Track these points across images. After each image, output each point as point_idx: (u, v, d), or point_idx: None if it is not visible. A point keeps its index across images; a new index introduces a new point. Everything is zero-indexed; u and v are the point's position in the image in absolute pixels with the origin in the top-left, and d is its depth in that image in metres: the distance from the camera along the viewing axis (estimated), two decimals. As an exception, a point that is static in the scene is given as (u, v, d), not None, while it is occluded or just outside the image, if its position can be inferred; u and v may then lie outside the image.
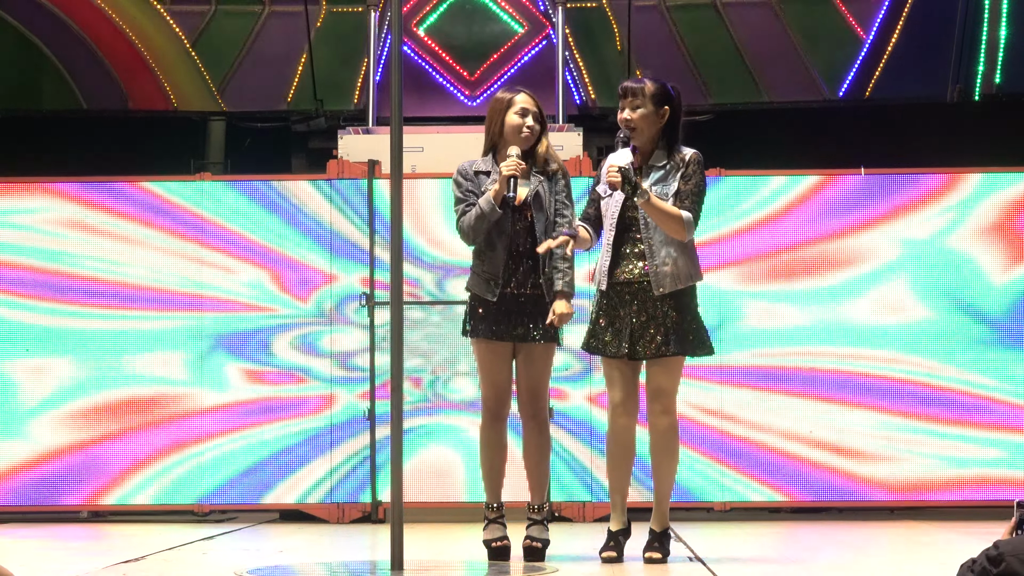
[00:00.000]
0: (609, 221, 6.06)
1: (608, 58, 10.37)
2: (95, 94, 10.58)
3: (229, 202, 8.39)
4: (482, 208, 6.05)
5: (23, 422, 8.34)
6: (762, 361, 8.26)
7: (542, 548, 6.15)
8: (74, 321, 8.36)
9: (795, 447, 8.25)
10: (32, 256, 8.39)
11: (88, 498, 8.33)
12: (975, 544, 4.92)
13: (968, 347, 8.24)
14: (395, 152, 5.60)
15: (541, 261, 6.09)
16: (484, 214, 6.05)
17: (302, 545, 7.09)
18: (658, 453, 6.09)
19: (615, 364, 6.07)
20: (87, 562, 6.20)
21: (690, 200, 6.03)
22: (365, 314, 8.28)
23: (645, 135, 6.05)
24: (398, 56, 5.61)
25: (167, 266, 8.36)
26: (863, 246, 8.29)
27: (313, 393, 8.32)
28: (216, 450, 8.32)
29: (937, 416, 8.23)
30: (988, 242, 8.26)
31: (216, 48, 10.55)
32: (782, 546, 7.05)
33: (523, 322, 6.11)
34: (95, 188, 8.41)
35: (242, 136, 10.61)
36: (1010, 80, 10.14)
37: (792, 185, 8.33)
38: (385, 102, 8.88)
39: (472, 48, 10.40)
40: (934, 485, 8.22)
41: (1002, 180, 8.29)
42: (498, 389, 6.18)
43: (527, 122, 6.12)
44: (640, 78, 6.15)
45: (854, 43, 10.36)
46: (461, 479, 8.24)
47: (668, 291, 5.98)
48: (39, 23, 10.46)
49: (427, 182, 8.33)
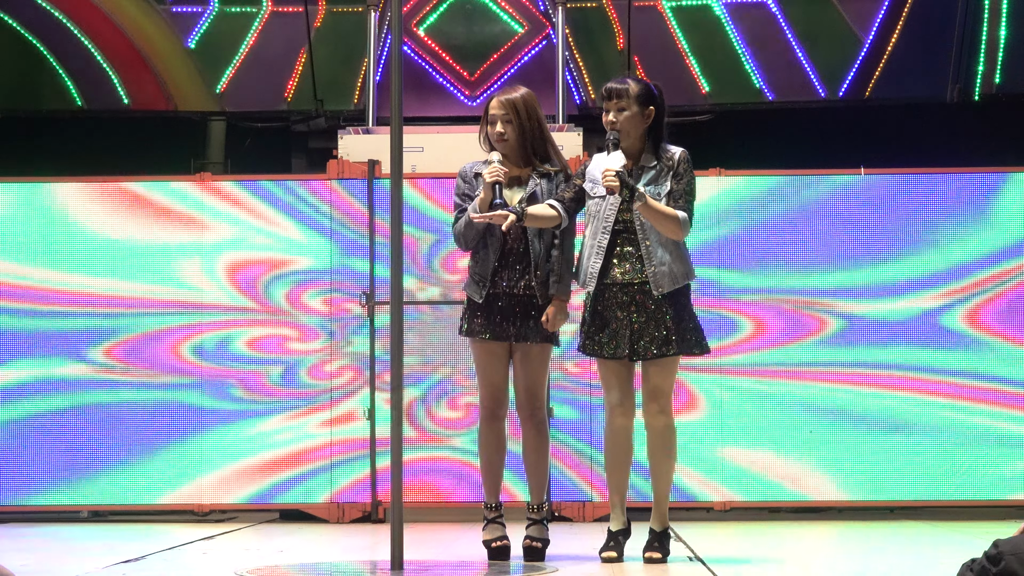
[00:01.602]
0: (603, 224, 6.05)
1: (608, 58, 10.36)
2: (95, 94, 10.57)
3: (229, 202, 8.38)
4: (469, 215, 6.06)
5: (24, 421, 8.35)
6: (762, 361, 8.26)
7: (542, 548, 6.16)
8: (72, 321, 8.35)
9: (795, 447, 8.24)
10: (32, 256, 8.39)
11: (88, 498, 8.33)
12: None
13: (968, 345, 8.24)
14: (395, 152, 5.60)
15: (534, 262, 6.09)
16: (471, 221, 6.06)
17: (302, 545, 7.09)
18: (656, 453, 6.10)
19: (612, 365, 6.08)
20: (87, 562, 6.21)
21: (683, 199, 6.03)
22: (365, 314, 8.29)
23: (632, 136, 6.04)
24: (398, 56, 5.61)
25: (167, 266, 8.36)
26: (864, 246, 8.29)
27: (313, 393, 8.32)
28: (216, 450, 8.31)
29: (937, 415, 8.23)
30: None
31: (216, 48, 10.54)
32: (782, 546, 7.05)
33: (518, 322, 6.11)
34: (95, 188, 8.40)
35: (242, 136, 10.60)
36: (1010, 80, 10.14)
37: (792, 185, 8.33)
38: (385, 102, 8.87)
39: (472, 48, 10.40)
40: (934, 485, 8.22)
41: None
42: (494, 389, 6.19)
43: (497, 129, 6.13)
44: (623, 78, 6.14)
45: (854, 43, 10.35)
46: (462, 479, 8.26)
47: (667, 291, 5.99)
48: (39, 23, 10.45)
49: (427, 182, 8.34)
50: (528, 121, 6.14)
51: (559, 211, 6.04)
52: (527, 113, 6.14)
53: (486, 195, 6.00)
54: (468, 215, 6.07)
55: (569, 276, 6.14)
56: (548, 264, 6.10)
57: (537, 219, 6.00)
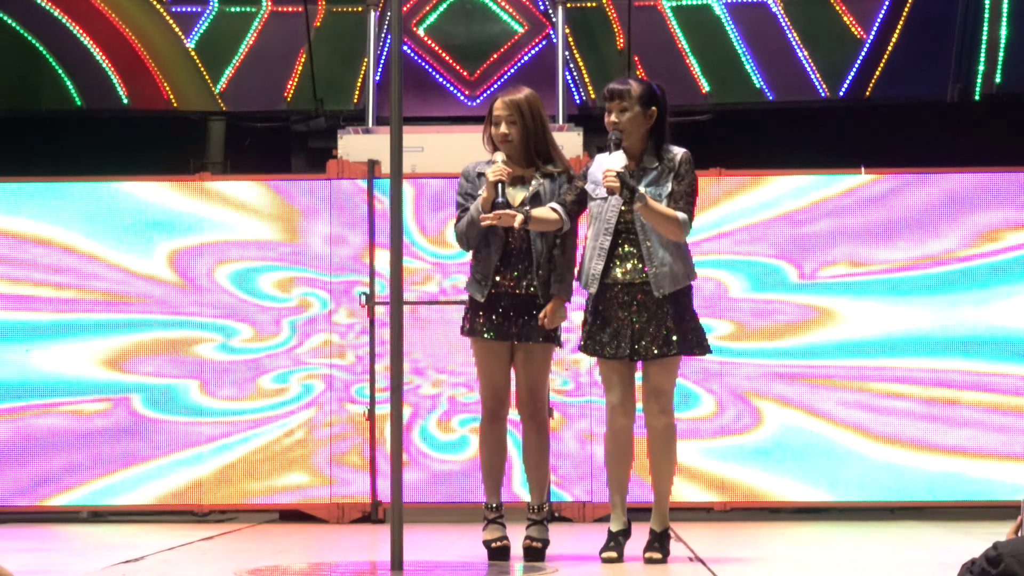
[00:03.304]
0: (605, 225, 6.05)
1: (608, 58, 10.36)
2: (95, 94, 10.57)
3: (229, 202, 8.38)
4: (471, 215, 6.06)
5: (23, 421, 8.35)
6: (762, 361, 8.26)
7: (542, 548, 6.16)
8: (72, 321, 8.35)
9: (795, 447, 8.24)
10: (32, 256, 8.39)
11: (88, 498, 8.33)
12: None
13: (969, 343, 8.25)
14: (395, 152, 5.60)
15: (536, 261, 6.09)
16: (473, 220, 6.06)
17: (302, 545, 7.09)
18: (656, 453, 6.10)
19: (613, 365, 6.08)
20: (87, 562, 6.21)
21: (684, 200, 6.03)
22: (365, 314, 8.28)
23: (634, 137, 6.04)
24: (398, 56, 5.61)
25: (167, 266, 8.36)
26: (864, 245, 8.29)
27: (313, 393, 8.31)
28: (216, 450, 8.31)
29: (937, 415, 8.23)
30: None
31: (216, 48, 10.54)
32: (782, 546, 7.05)
33: (520, 322, 6.11)
34: (95, 188, 8.40)
35: (242, 136, 10.60)
36: (1010, 80, 10.14)
37: (792, 185, 8.33)
38: (385, 102, 8.88)
39: (472, 48, 10.40)
40: (934, 485, 8.22)
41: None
42: (495, 388, 6.19)
43: (501, 130, 6.13)
44: (625, 79, 6.14)
45: (854, 43, 10.35)
46: (462, 479, 8.26)
47: (668, 291, 5.99)
48: (39, 23, 10.45)
49: (427, 182, 8.34)
50: (532, 122, 6.14)
51: (561, 215, 6.05)
52: (531, 114, 6.14)
53: (489, 194, 6.00)
54: (471, 214, 6.08)
55: (570, 276, 6.14)
56: (550, 264, 6.11)
57: (541, 222, 6.01)
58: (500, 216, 5.91)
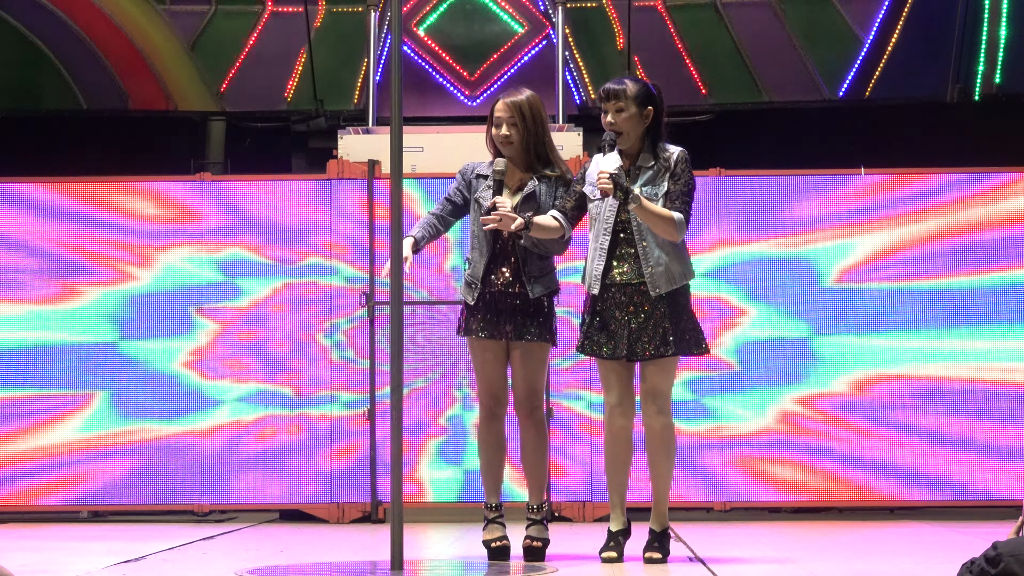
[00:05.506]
0: (603, 226, 6.04)
1: (608, 58, 10.37)
2: (95, 94, 10.58)
3: (229, 202, 8.39)
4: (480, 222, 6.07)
5: (23, 421, 8.36)
6: (762, 360, 8.26)
7: (542, 548, 6.16)
8: (71, 321, 8.36)
9: (794, 447, 8.25)
10: (31, 256, 8.39)
11: (88, 498, 8.34)
12: (975, 544, 4.93)
13: (968, 343, 8.26)
14: (395, 152, 5.60)
15: (521, 258, 6.09)
16: (440, 217, 6.22)
17: (302, 545, 7.09)
18: (655, 453, 6.09)
19: (611, 366, 6.08)
20: (87, 562, 6.21)
21: (680, 200, 6.02)
22: (365, 314, 8.29)
23: (631, 137, 6.04)
24: (398, 56, 5.61)
25: (167, 266, 8.36)
26: (864, 246, 8.29)
27: (313, 393, 8.32)
28: (216, 450, 8.32)
29: (937, 416, 8.24)
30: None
31: (216, 48, 10.55)
32: (782, 546, 7.05)
33: (514, 321, 6.11)
34: (95, 188, 8.40)
35: (242, 136, 10.61)
36: (1010, 80, 10.14)
37: (792, 185, 8.33)
38: (385, 102, 8.89)
39: (472, 48, 10.40)
40: (934, 485, 8.22)
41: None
42: (493, 388, 6.19)
43: (502, 131, 6.13)
44: (621, 79, 6.13)
45: (854, 43, 10.35)
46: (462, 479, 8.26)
47: (664, 291, 5.99)
48: (39, 23, 10.46)
49: (427, 182, 8.34)
50: (533, 124, 6.14)
51: (562, 223, 6.05)
52: (532, 116, 6.14)
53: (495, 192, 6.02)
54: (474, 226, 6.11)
55: (545, 242, 6.04)
56: (540, 263, 6.12)
57: (542, 229, 6.01)
58: (501, 219, 5.91)
